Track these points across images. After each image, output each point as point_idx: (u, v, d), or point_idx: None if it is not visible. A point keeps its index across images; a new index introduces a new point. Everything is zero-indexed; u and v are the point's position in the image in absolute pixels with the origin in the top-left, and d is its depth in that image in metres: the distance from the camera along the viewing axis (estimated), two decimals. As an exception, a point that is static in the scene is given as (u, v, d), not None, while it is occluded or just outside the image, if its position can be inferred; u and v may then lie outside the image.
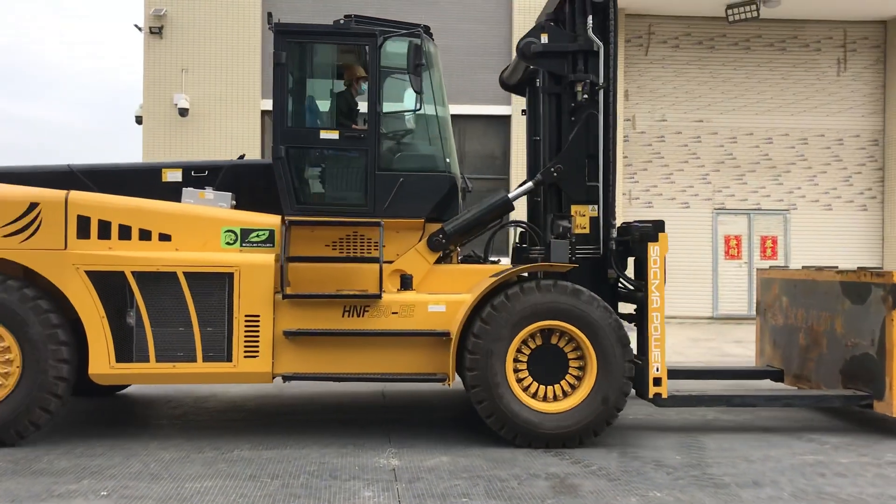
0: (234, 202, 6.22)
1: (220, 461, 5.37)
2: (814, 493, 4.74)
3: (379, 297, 5.90)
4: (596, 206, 6.38)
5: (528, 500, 4.56)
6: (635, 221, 6.31)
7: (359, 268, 6.21)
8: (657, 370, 5.85)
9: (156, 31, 14.73)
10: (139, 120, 15.59)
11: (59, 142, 51.54)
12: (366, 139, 6.18)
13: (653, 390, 5.85)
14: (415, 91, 6.12)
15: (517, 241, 7.31)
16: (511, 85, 7.47)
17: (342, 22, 6.29)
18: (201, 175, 6.40)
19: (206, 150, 14.51)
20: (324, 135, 6.24)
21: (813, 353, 7.06)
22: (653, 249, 5.85)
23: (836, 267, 7.14)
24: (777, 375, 7.57)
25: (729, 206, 15.63)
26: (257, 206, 6.23)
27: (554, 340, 5.82)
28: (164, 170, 6.43)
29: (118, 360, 5.72)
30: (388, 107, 6.33)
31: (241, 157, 6.98)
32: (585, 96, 6.20)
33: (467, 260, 6.87)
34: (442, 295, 6.06)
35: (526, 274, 6.16)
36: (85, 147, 52.48)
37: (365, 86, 6.76)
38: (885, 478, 5.09)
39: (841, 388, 6.66)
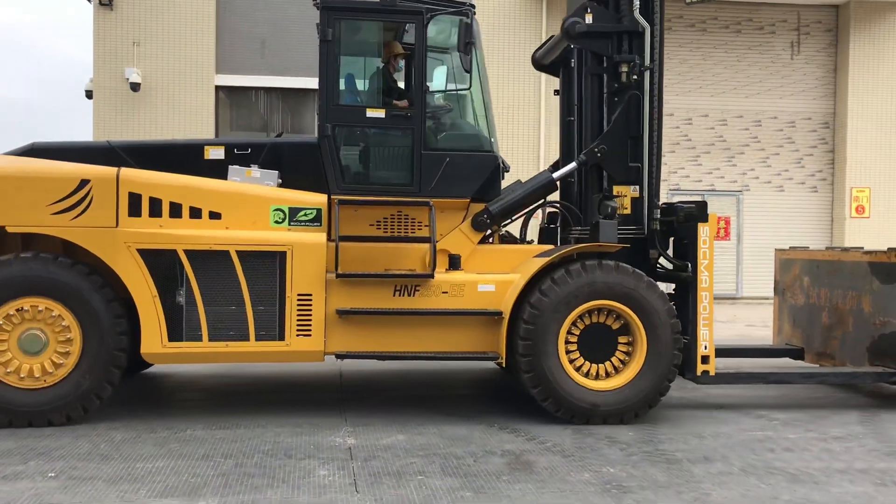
0: (279, 180, 6.18)
1: (173, 441, 5.28)
2: (763, 468, 4.85)
3: (431, 276, 5.93)
4: (637, 187, 6.45)
5: (485, 478, 4.61)
6: (678, 202, 6.40)
7: (405, 247, 6.21)
8: (705, 348, 5.98)
9: (106, 2, 14.35)
10: (89, 94, 15.17)
11: (9, 118, 50.04)
12: (412, 118, 6.15)
13: (700, 368, 5.98)
14: (465, 70, 6.13)
15: (544, 221, 7.35)
16: (544, 65, 7.48)
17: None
18: (244, 153, 6.32)
19: (158, 126, 14.22)
20: (370, 113, 6.20)
21: (837, 331, 7.25)
22: (703, 230, 5.96)
23: (862, 247, 7.32)
24: (797, 353, 7.75)
25: (684, 187, 15.86)
26: (299, 185, 6.19)
27: (602, 319, 5.90)
28: (206, 147, 6.34)
29: (171, 339, 5.67)
30: (433, 85, 6.31)
31: (279, 134, 6.92)
32: (635, 77, 6.24)
33: (504, 240, 6.91)
34: (491, 275, 6.10)
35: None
36: (37, 123, 51.06)
37: (402, 63, 6.76)
38: (831, 452, 5.25)
39: (868, 365, 6.84)
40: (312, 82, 14.12)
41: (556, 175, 6.56)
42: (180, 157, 6.30)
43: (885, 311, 6.69)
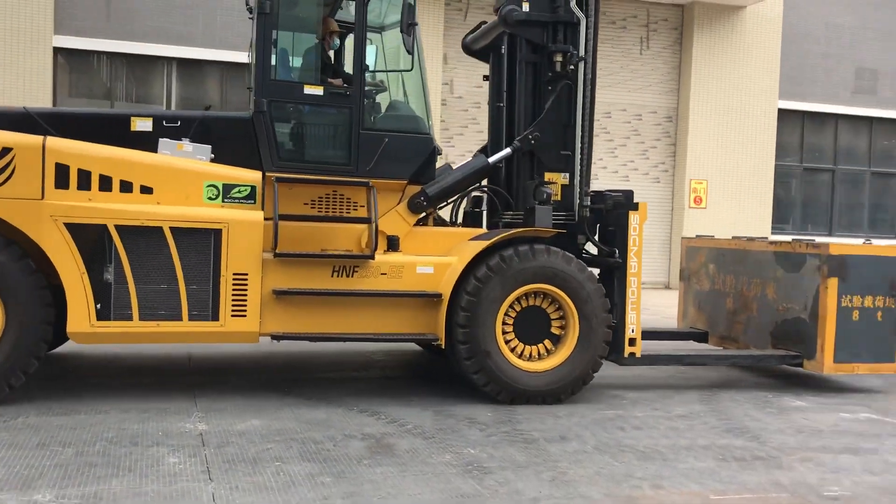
0: (212, 155, 5.98)
1: (2, 430, 4.91)
2: (615, 446, 5.09)
3: (372, 257, 5.90)
4: (567, 175, 6.62)
5: (345, 462, 4.55)
6: (607, 191, 6.61)
7: (343, 227, 6.15)
8: (633, 331, 6.23)
9: (-72, -48, 13.13)
10: None
11: None
12: (351, 97, 6.09)
13: (628, 350, 6.22)
14: (408, 51, 6.10)
15: (468, 206, 7.42)
16: (474, 50, 7.53)
17: None
18: (173, 125, 6.08)
19: (-11, 90, 13.14)
20: (308, 90, 6.10)
21: (742, 315, 7.68)
22: (633, 218, 6.19)
23: (766, 237, 7.76)
24: (701, 337, 8.17)
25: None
26: (231, 161, 6.00)
27: (537, 303, 6.05)
28: (133, 118, 6.06)
29: (99, 318, 5.42)
30: (373, 65, 6.25)
31: (208, 108, 6.69)
32: (571, 67, 6.38)
33: (436, 223, 6.94)
34: (430, 257, 6.13)
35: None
36: None
37: (337, 41, 6.66)
38: (676, 430, 5.57)
39: (770, 348, 7.29)
40: (161, 49, 13.65)
41: (491, 160, 6.63)
42: (105, 128, 5.99)
43: (787, 298, 7.13)
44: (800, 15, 17.12)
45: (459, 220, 7.27)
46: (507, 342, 5.96)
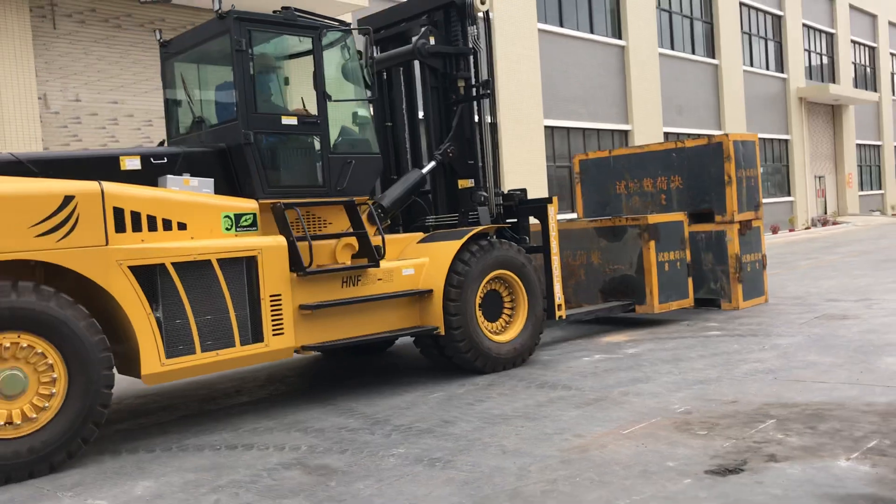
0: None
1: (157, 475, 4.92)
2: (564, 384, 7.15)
3: (377, 265, 6.63)
4: (473, 180, 7.92)
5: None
6: (510, 191, 8.04)
7: (322, 244, 6.66)
8: (559, 298, 7.78)
9: None
10: None
11: None
12: (319, 125, 6.70)
13: (558, 314, 7.76)
14: (368, 82, 6.88)
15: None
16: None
17: (280, 13, 6.65)
18: (161, 162, 6.14)
19: None
20: (285, 120, 6.56)
21: (570, 281, 9.65)
22: (551, 210, 7.72)
23: (580, 217, 9.83)
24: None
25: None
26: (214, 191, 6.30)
27: (494, 286, 7.31)
28: (121, 157, 5.98)
29: (168, 356, 5.45)
30: (337, 95, 6.87)
31: (162, 143, 6.71)
32: (474, 88, 7.67)
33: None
34: (408, 260, 6.99)
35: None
36: None
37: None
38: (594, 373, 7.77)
39: (602, 302, 9.37)
40: None
41: (424, 171, 7.65)
42: (96, 168, 5.85)
43: (614, 261, 9.26)
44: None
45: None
46: (481, 322, 7.13)
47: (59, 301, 4.96)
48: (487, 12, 7.71)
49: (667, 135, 25.77)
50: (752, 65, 31.11)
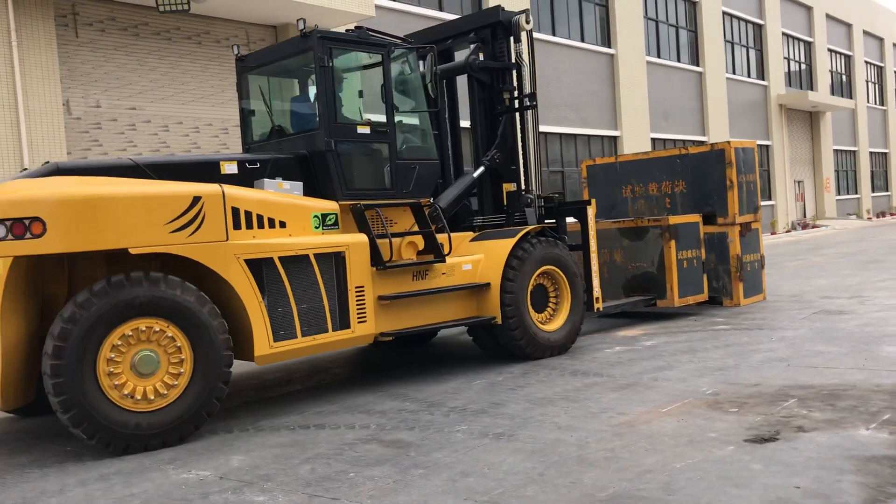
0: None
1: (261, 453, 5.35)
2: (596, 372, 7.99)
3: (444, 261, 7.35)
4: (515, 183, 8.68)
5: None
6: (551, 193, 8.80)
7: (383, 242, 7.35)
8: (597, 292, 8.56)
9: None
10: None
11: None
12: (388, 133, 7.42)
13: (596, 306, 8.54)
14: (433, 95, 7.61)
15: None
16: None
17: (354, 32, 7.36)
18: (254, 167, 6.83)
19: None
20: (360, 129, 7.28)
21: (595, 278, 10.40)
22: (590, 211, 8.49)
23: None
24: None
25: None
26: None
27: (540, 281, 8.06)
28: (222, 162, 6.67)
29: (275, 340, 6.14)
30: (404, 106, 7.60)
31: (247, 149, 7.38)
32: (530, 103, 8.44)
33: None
34: (466, 256, 7.73)
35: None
36: None
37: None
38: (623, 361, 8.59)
39: (624, 298, 10.15)
40: None
41: (475, 175, 8.39)
42: (200, 172, 6.53)
43: (636, 259, 10.06)
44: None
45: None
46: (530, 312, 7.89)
47: (185, 289, 5.64)
48: (531, 31, 8.46)
49: (654, 140, 26.72)
50: (734, 72, 32.17)
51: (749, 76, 33.26)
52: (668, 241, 9.80)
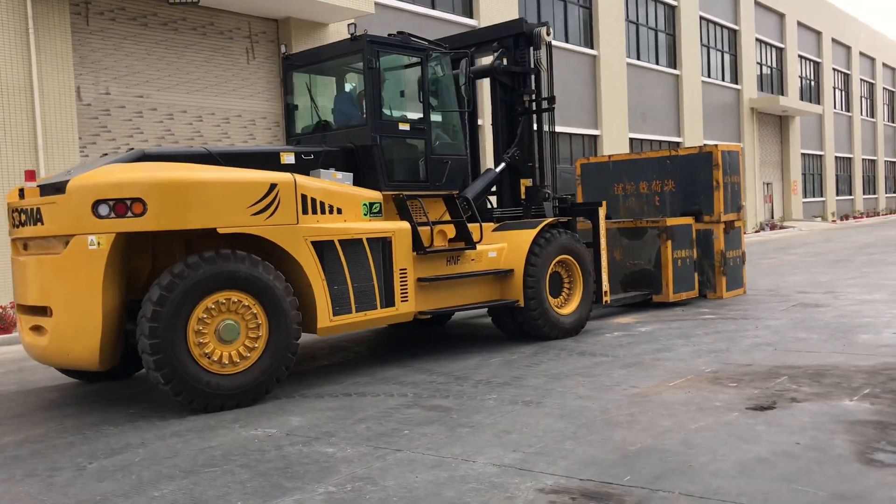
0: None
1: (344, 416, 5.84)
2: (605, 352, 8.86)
3: (474, 248, 8.14)
4: (531, 179, 9.48)
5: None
6: (567, 194, 9.60)
7: (423, 230, 8.10)
8: (606, 285, 9.41)
9: None
10: None
11: None
12: (425, 130, 8.16)
13: (604, 298, 9.39)
14: (465, 96, 8.37)
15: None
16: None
17: (396, 36, 8.08)
18: (309, 158, 7.55)
19: None
20: (401, 126, 8.02)
21: (595, 271, 11.25)
22: (601, 211, 9.33)
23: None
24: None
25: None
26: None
27: (556, 269, 8.88)
28: (281, 153, 7.37)
29: (334, 314, 6.88)
30: (438, 106, 8.34)
31: (297, 141, 8.07)
32: (534, 103, 9.21)
33: None
34: (491, 245, 8.52)
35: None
36: None
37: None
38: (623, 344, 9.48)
39: (622, 293, 10.97)
40: None
41: (498, 170, 9.16)
42: (264, 161, 7.23)
43: (634, 257, 10.91)
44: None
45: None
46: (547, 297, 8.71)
47: (265, 268, 6.35)
48: (550, 41, 9.26)
49: (632, 141, 27.65)
50: (709, 75, 33.26)
51: (723, 80, 34.38)
52: (665, 242, 10.67)
